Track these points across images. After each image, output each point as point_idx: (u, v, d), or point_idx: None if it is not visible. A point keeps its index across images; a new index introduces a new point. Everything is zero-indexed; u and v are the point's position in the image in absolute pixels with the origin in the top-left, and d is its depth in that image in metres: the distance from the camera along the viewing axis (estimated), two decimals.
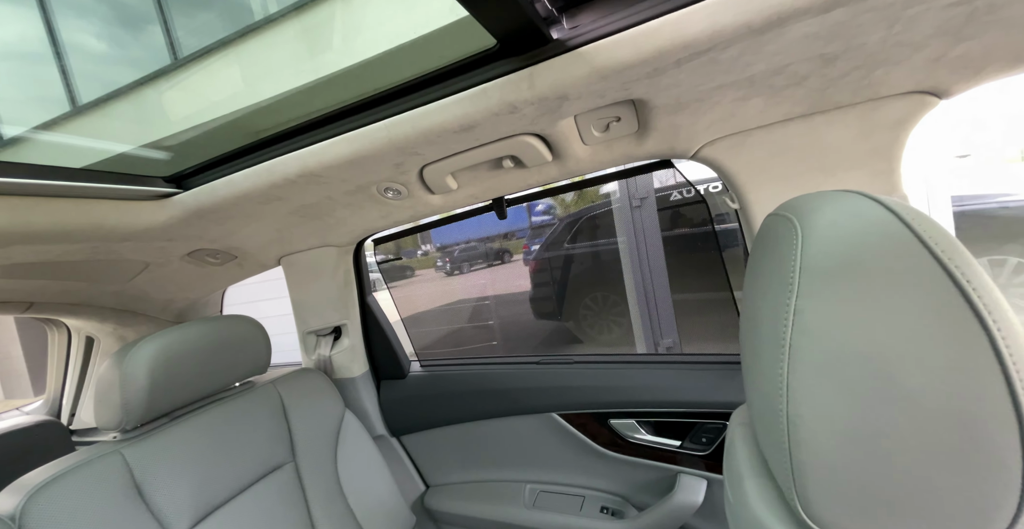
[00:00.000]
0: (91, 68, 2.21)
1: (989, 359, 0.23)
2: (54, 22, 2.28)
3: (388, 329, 1.13)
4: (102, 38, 2.51)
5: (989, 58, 0.48)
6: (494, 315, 4.00)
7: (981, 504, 0.24)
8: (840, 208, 0.29)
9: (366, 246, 1.09)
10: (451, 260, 5.21)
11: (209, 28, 1.34)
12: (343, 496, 0.85)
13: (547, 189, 0.89)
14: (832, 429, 0.26)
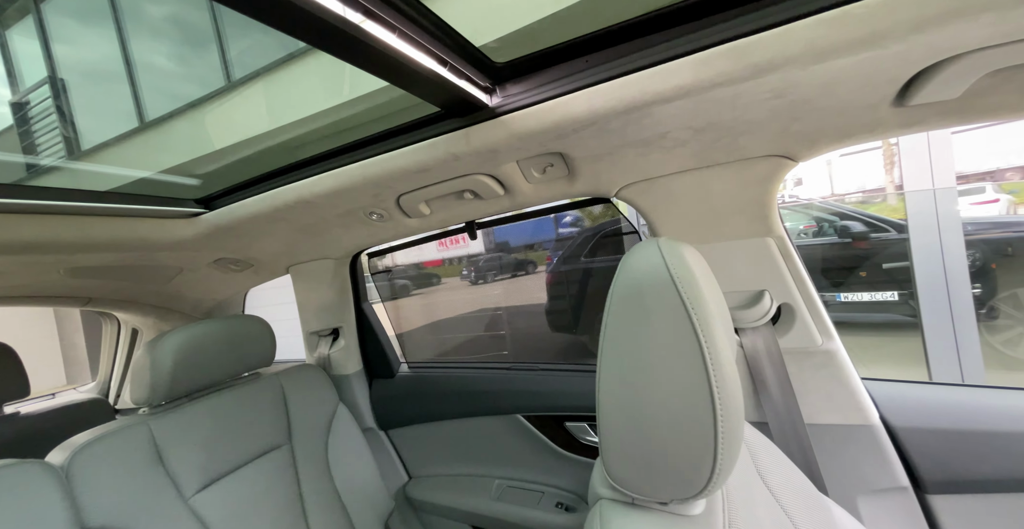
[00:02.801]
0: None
1: (700, 360, 0.33)
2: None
3: (380, 332, 1.26)
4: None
5: (819, 134, 0.57)
6: (507, 325, 4.10)
7: (696, 462, 0.33)
8: (640, 253, 0.39)
9: (369, 260, 1.23)
10: (476, 269, 5.32)
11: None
12: (331, 478, 0.97)
13: (514, 215, 1.00)
14: (617, 410, 0.36)
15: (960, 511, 0.65)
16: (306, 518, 0.88)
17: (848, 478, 0.68)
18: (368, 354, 1.26)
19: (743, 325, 0.73)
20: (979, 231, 3.10)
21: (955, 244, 1.93)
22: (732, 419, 0.33)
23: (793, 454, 0.69)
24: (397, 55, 0.46)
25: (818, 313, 0.71)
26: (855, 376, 0.70)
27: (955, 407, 0.66)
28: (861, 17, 0.38)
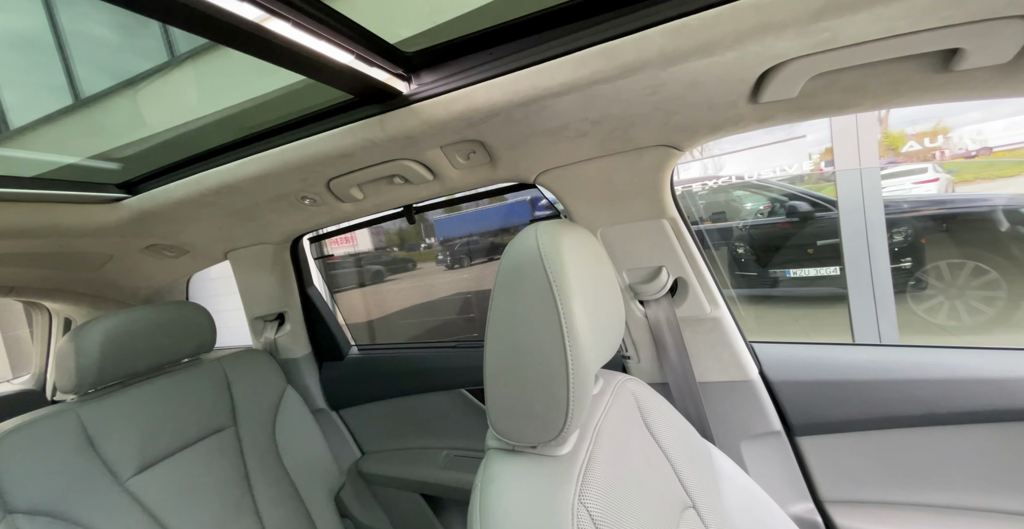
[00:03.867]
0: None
1: (558, 326, 0.40)
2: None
3: (329, 316, 1.29)
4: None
5: (695, 126, 0.64)
6: (476, 308, 4.18)
7: (554, 409, 0.41)
8: (521, 237, 0.46)
9: (312, 244, 1.24)
10: (451, 254, 5.33)
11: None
12: (278, 456, 1.02)
13: (449, 199, 1.04)
14: (498, 371, 0.44)
15: (821, 448, 0.78)
16: (253, 495, 0.93)
17: (733, 427, 0.80)
18: (317, 338, 1.29)
19: (646, 297, 0.82)
20: (916, 209, 3.38)
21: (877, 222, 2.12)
22: (581, 374, 0.41)
23: (688, 409, 0.79)
24: (301, 49, 0.48)
25: (707, 285, 0.80)
26: (739, 338, 0.80)
27: (820, 362, 0.78)
28: (696, 28, 0.44)
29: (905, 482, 0.73)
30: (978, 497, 0.69)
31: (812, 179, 4.75)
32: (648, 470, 0.52)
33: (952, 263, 2.95)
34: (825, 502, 0.77)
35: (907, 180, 5.44)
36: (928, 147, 5.08)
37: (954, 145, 7.14)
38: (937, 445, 0.70)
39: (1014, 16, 0.41)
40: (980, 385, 0.67)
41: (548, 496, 0.40)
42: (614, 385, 0.61)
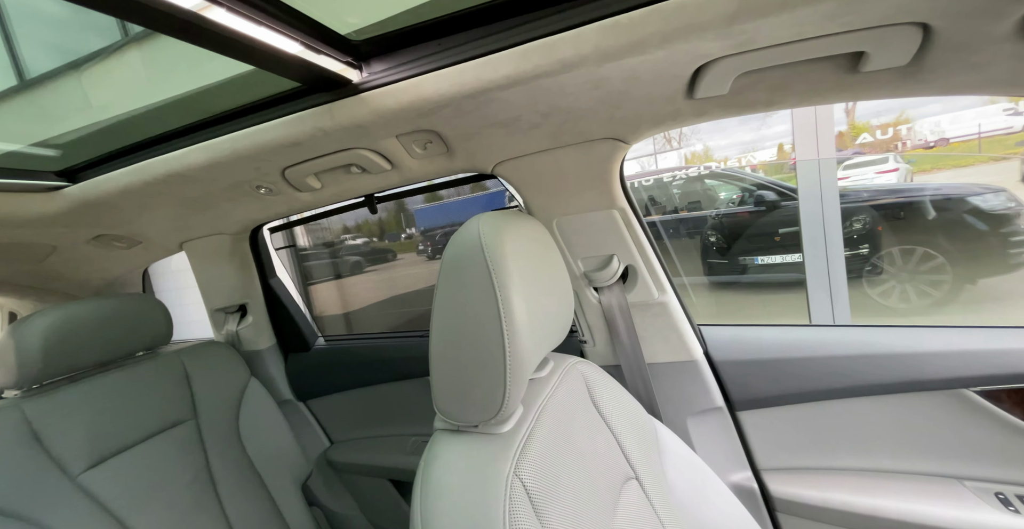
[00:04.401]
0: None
1: (496, 312, 0.43)
2: None
3: (293, 308, 1.29)
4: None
5: (638, 120, 0.67)
6: None
7: (493, 391, 0.44)
8: (465, 228, 0.48)
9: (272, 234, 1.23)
10: (432, 244, 5.31)
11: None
12: (242, 448, 1.02)
13: (411, 189, 1.05)
14: (442, 356, 0.46)
15: (758, 422, 0.84)
16: (215, 488, 0.94)
17: (679, 404, 0.85)
18: (281, 329, 1.29)
19: (599, 284, 0.86)
20: (874, 197, 3.56)
21: (833, 210, 2.23)
22: (519, 358, 0.44)
23: (638, 388, 0.84)
24: (243, 37, 0.48)
25: (655, 272, 0.84)
26: (685, 322, 0.85)
27: (759, 342, 0.85)
28: (628, 26, 0.47)
29: (830, 449, 0.80)
30: (892, 460, 0.77)
31: (784, 168, 4.92)
32: (591, 445, 0.56)
33: (904, 249, 3.14)
34: (762, 470, 0.84)
35: (870, 170, 5.70)
36: (880, 139, 5.32)
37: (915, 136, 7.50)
38: (858, 414, 0.77)
39: (906, 23, 0.45)
40: (895, 359, 0.74)
41: (485, 470, 0.43)
42: (564, 367, 0.64)
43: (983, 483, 0.71)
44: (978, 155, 5.95)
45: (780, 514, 0.82)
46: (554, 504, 0.43)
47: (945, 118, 7.02)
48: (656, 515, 0.57)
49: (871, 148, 6.31)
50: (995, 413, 0.69)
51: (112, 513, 0.77)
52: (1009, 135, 6.35)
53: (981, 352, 0.69)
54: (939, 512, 0.68)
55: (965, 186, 3.09)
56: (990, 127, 6.51)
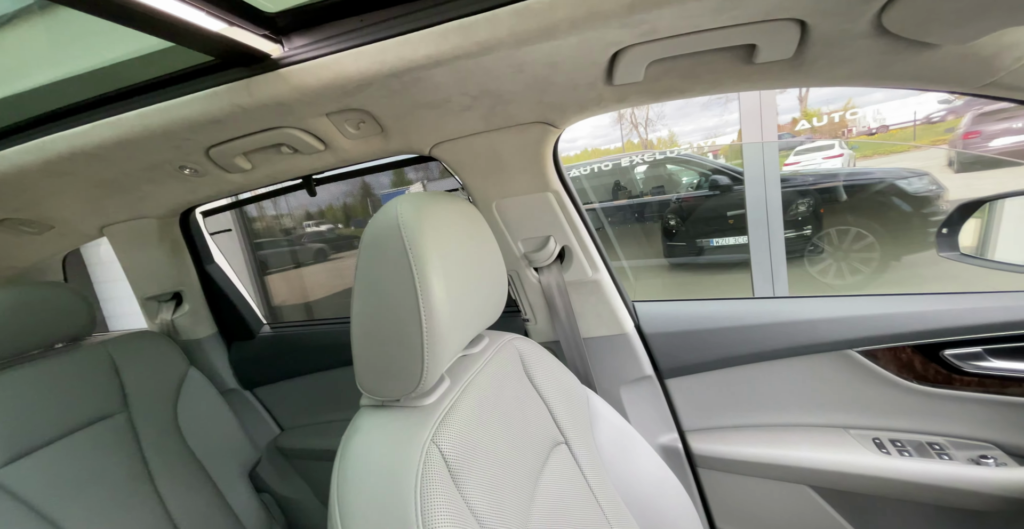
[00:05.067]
0: None
1: (413, 291, 0.44)
2: None
3: (234, 295, 1.26)
4: None
5: (565, 105, 0.70)
6: None
7: (411, 366, 0.46)
8: (384, 209, 0.49)
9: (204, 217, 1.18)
10: None
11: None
12: (181, 439, 1.01)
13: (352, 170, 1.04)
14: (363, 333, 0.48)
15: (683, 387, 0.92)
16: (153, 480, 0.92)
17: (612, 374, 0.92)
18: (222, 317, 1.25)
19: (538, 264, 0.90)
20: (818, 182, 3.81)
21: (774, 193, 2.38)
22: (437, 333, 0.46)
23: (575, 362, 0.90)
24: (146, 8, 0.46)
25: (588, 252, 0.89)
26: (617, 298, 0.91)
27: (683, 315, 0.92)
28: (538, 11, 0.49)
29: (743, 408, 0.90)
30: (792, 415, 0.87)
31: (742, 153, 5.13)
32: (520, 414, 0.59)
33: (840, 229, 3.40)
34: (686, 431, 0.93)
35: (819, 156, 6.05)
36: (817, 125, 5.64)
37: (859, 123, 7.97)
38: (766, 376, 0.87)
39: (785, 19, 0.49)
40: (795, 326, 0.83)
41: (402, 439, 0.45)
42: (499, 344, 0.67)
43: (863, 430, 0.82)
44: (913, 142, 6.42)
45: (701, 469, 0.91)
46: (472, 469, 0.45)
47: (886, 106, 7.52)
48: (583, 476, 0.62)
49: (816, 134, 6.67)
50: (872, 369, 0.79)
51: (35, 509, 0.75)
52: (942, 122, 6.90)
53: (862, 317, 0.79)
54: (828, 457, 0.79)
55: (895, 170, 3.35)
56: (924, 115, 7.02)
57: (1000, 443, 0.74)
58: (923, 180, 3.06)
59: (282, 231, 4.72)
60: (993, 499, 0.68)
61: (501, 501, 0.46)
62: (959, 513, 0.76)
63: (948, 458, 0.73)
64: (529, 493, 0.52)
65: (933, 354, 0.75)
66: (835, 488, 0.79)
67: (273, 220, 4.44)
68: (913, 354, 0.77)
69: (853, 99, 7.21)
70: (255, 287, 4.05)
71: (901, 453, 0.75)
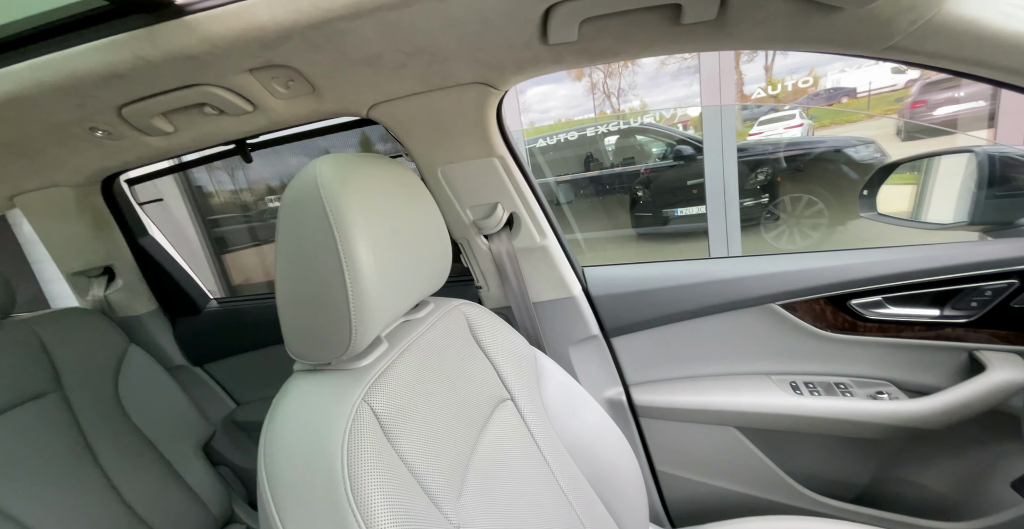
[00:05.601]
0: None
1: (336, 255, 0.44)
2: None
3: (174, 269, 1.21)
4: None
5: (502, 65, 0.69)
6: None
7: (339, 330, 0.46)
8: (303, 171, 0.47)
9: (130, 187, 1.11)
10: None
11: None
12: (126, 417, 0.99)
13: (290, 135, 0.99)
14: (288, 298, 0.47)
15: (627, 344, 0.98)
16: (97, 459, 0.91)
17: (561, 335, 0.96)
18: (163, 292, 1.21)
19: (488, 232, 0.90)
20: (776, 151, 3.94)
21: (731, 164, 2.46)
22: (363, 298, 0.45)
23: (526, 325, 0.93)
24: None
25: (536, 218, 0.90)
26: (565, 263, 0.94)
27: (627, 278, 0.96)
28: None
29: (681, 361, 0.97)
30: (723, 365, 0.95)
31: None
32: (463, 373, 0.60)
33: (793, 197, 3.57)
34: (629, 385, 1.00)
35: (780, 125, 6.22)
36: (770, 95, 5.75)
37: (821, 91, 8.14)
38: (700, 331, 0.93)
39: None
40: (726, 284, 0.89)
41: (331, 400, 0.44)
42: (445, 309, 0.68)
43: (782, 375, 0.90)
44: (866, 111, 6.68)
45: (642, 419, 0.98)
46: (408, 424, 0.46)
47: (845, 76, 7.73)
48: (528, 430, 0.65)
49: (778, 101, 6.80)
50: (791, 320, 0.87)
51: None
52: (893, 92, 7.18)
53: (782, 273, 0.85)
54: (751, 400, 0.87)
55: (845, 139, 3.52)
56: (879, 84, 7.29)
57: (894, 380, 0.84)
58: (869, 148, 3.23)
59: (241, 206, 4.47)
60: (886, 429, 0.78)
61: (438, 453, 0.47)
62: (858, 442, 0.87)
63: (851, 395, 0.82)
64: (470, 446, 0.54)
65: (842, 304, 0.83)
66: (757, 427, 0.88)
67: (231, 195, 4.19)
68: (825, 305, 0.84)
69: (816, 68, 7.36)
70: (213, 266, 3.88)
71: (812, 393, 0.84)
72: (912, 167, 0.97)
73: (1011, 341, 0.75)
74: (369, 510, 0.36)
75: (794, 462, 0.90)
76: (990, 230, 0.77)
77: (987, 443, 0.78)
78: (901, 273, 0.78)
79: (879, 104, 7.44)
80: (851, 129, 6.25)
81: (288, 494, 0.38)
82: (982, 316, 0.75)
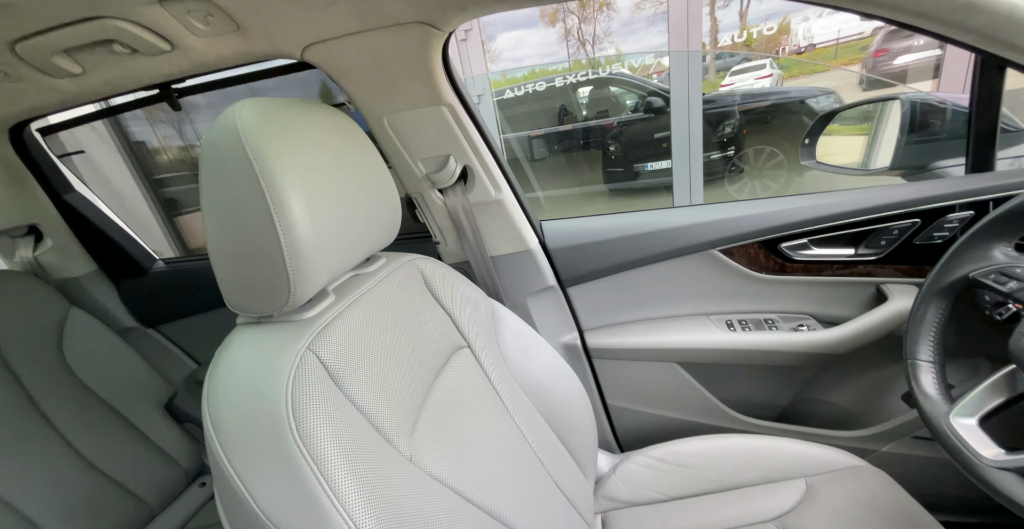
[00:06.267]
0: None
1: (265, 205, 0.42)
2: None
3: (112, 228, 1.15)
4: None
5: (442, 2, 0.64)
6: None
7: (276, 284, 0.44)
8: (224, 114, 0.44)
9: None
10: None
11: None
12: (76, 380, 0.98)
13: (222, 79, 0.92)
14: (221, 251, 0.45)
15: (582, 293, 1.04)
16: (51, 422, 0.91)
17: (520, 287, 0.99)
18: (102, 253, 1.15)
19: (442, 186, 0.89)
20: (744, 102, 3.93)
21: (696, 115, 2.46)
22: (300, 249, 0.43)
23: (485, 279, 0.96)
24: None
25: (490, 172, 0.89)
26: (521, 216, 0.95)
27: (582, 230, 0.99)
28: None
29: (630, 307, 1.03)
30: (668, 308, 1.02)
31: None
32: (418, 324, 0.61)
33: (756, 149, 3.65)
34: (584, 330, 1.06)
35: (751, 76, 6.17)
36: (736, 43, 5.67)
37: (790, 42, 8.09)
38: (648, 278, 0.99)
39: None
40: (672, 233, 0.93)
41: (274, 348, 0.44)
42: (398, 263, 0.67)
43: (720, 315, 0.99)
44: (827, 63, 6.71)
45: (596, 360, 1.06)
46: (357, 370, 0.46)
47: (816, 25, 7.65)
48: (485, 374, 0.68)
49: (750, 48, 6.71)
50: (729, 264, 0.94)
51: None
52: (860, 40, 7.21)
53: (722, 220, 0.91)
54: (691, 338, 0.95)
55: (807, 89, 3.56)
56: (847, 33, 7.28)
57: (814, 313, 0.94)
58: (829, 98, 3.29)
59: (192, 165, 4.13)
60: (804, 356, 0.89)
61: (390, 395, 0.48)
62: (781, 369, 0.98)
63: (776, 329, 0.92)
64: (425, 389, 0.55)
65: (773, 247, 0.90)
66: (695, 362, 0.98)
67: (181, 152, 3.84)
68: (759, 249, 0.91)
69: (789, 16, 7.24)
70: (166, 228, 3.65)
71: (744, 329, 0.93)
72: (856, 117, 1.02)
73: (911, 274, 0.84)
74: (317, 447, 0.37)
75: (726, 390, 1.01)
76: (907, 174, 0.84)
77: (884, 364, 0.90)
78: (824, 216, 0.85)
79: (847, 53, 7.47)
80: (819, 79, 6.30)
81: (235, 441, 0.38)
82: (889, 253, 0.84)
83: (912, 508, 0.65)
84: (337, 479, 0.36)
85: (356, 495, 0.37)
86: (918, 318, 0.63)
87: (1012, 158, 0.82)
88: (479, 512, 0.50)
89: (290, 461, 0.36)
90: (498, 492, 0.54)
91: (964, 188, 0.77)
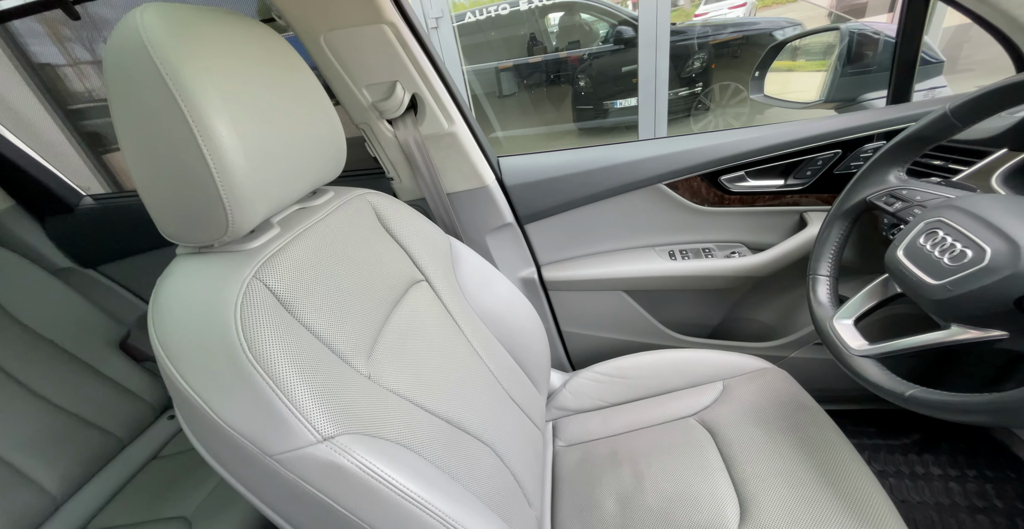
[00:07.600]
0: None
1: (184, 123, 0.38)
2: None
3: (26, 162, 1.05)
4: None
5: None
6: None
7: (212, 213, 0.41)
8: (123, 22, 0.39)
9: None
10: None
11: None
12: (16, 322, 0.95)
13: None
14: (146, 178, 0.42)
15: (539, 230, 1.08)
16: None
17: (478, 224, 1.01)
18: (18, 188, 1.07)
19: (390, 116, 0.85)
20: (714, 35, 3.77)
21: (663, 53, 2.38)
22: (231, 175, 0.40)
23: (442, 216, 0.96)
24: None
25: (442, 101, 0.85)
26: (477, 151, 0.94)
27: (539, 166, 1.01)
28: None
29: (584, 241, 1.09)
30: (619, 241, 1.09)
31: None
32: (372, 257, 0.61)
33: (722, 85, 3.62)
34: (541, 265, 1.12)
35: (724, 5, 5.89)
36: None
37: None
38: (600, 213, 1.04)
39: None
40: (623, 168, 0.97)
41: (219, 276, 0.42)
42: (347, 198, 0.65)
43: (664, 246, 1.07)
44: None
45: (551, 291, 1.14)
46: (310, 298, 0.46)
47: None
48: (444, 307, 0.70)
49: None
50: (674, 198, 1.00)
51: None
52: None
53: (668, 155, 0.95)
54: (636, 268, 1.04)
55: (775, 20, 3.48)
56: None
57: (745, 242, 1.03)
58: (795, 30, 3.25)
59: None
60: (734, 279, 0.99)
61: (344, 322, 0.48)
62: (714, 293, 1.10)
63: (712, 256, 1.01)
64: (382, 318, 0.55)
65: (714, 180, 0.96)
66: (640, 289, 1.07)
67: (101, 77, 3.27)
68: (701, 182, 0.97)
69: None
70: (93, 164, 3.26)
71: (684, 258, 1.02)
72: (820, 52, 1.03)
73: (830, 202, 0.93)
74: (270, 364, 0.37)
75: (666, 313, 1.13)
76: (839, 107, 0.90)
77: (800, 284, 1.03)
78: (759, 149, 0.90)
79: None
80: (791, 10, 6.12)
81: (189, 363, 0.38)
82: (814, 183, 0.92)
83: (803, 398, 0.78)
84: (294, 391, 0.38)
85: (314, 404, 0.38)
86: (823, 238, 0.72)
87: (928, 89, 0.88)
88: (436, 419, 0.54)
89: (246, 378, 0.37)
90: (455, 403, 0.58)
91: (881, 119, 0.84)
